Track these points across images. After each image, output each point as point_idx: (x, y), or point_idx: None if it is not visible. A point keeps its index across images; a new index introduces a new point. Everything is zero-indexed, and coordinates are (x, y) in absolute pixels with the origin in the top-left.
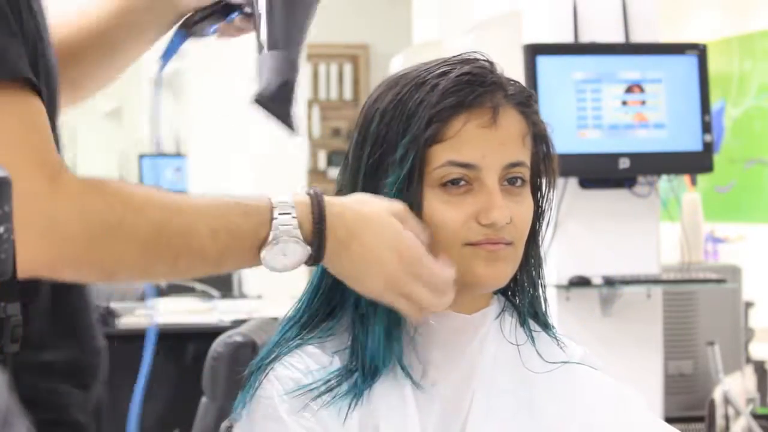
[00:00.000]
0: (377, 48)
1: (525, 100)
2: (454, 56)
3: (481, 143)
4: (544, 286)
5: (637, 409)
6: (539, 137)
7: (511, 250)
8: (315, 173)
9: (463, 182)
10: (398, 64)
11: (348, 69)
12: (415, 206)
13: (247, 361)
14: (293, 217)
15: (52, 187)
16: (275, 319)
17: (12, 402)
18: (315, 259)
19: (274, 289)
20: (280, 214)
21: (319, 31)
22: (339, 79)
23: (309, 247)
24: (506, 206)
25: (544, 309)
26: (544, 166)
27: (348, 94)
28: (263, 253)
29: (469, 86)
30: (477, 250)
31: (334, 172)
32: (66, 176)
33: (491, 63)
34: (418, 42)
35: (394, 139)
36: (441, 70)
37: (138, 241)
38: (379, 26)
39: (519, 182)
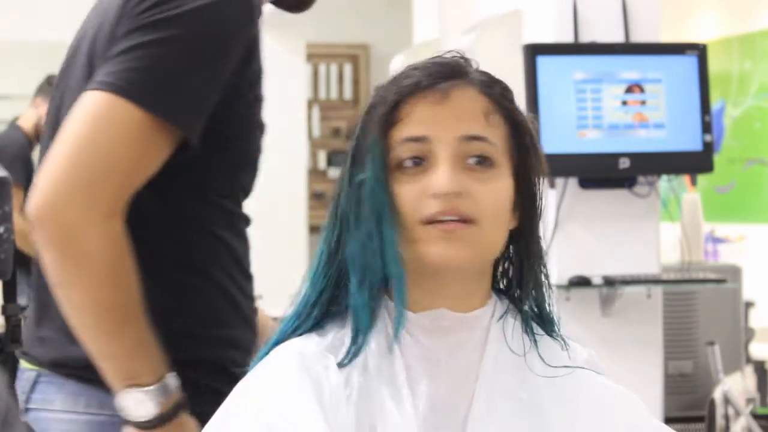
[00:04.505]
0: (377, 48)
1: (491, 85)
2: (444, 53)
3: (431, 118)
4: (550, 285)
5: (641, 414)
6: (518, 127)
7: (473, 230)
8: (315, 173)
9: (418, 160)
10: (398, 64)
11: (348, 69)
12: (383, 190)
13: None
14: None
15: (101, 219)
16: (275, 319)
17: (12, 402)
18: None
19: (274, 289)
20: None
21: (319, 31)
22: (339, 79)
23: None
24: (457, 179)
25: (548, 310)
26: (531, 160)
27: (348, 94)
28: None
29: (427, 72)
30: (433, 229)
31: (334, 172)
32: (117, 221)
33: (467, 60)
34: (418, 42)
35: (366, 128)
36: (415, 65)
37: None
38: (379, 26)
39: (486, 162)
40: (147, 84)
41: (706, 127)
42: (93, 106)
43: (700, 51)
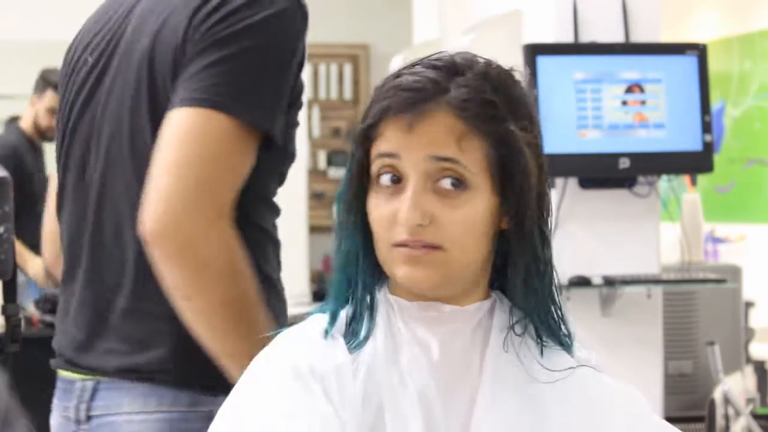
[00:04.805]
0: (377, 48)
1: (467, 106)
2: (429, 56)
3: (401, 141)
4: (558, 292)
5: (642, 411)
6: (500, 143)
7: (439, 255)
8: (315, 173)
9: (393, 178)
10: (398, 64)
11: (348, 69)
12: (353, 204)
13: None
14: None
15: (213, 225)
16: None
17: (12, 402)
18: None
19: None
20: None
21: (319, 31)
22: (339, 79)
23: None
24: (423, 207)
25: (557, 318)
26: (521, 169)
27: (348, 94)
28: None
29: (399, 91)
30: (400, 250)
31: (334, 172)
32: (225, 222)
33: (456, 67)
34: (418, 42)
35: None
36: (399, 73)
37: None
38: (379, 26)
39: (460, 185)
40: (233, 94)
41: (706, 127)
42: (188, 121)
43: (700, 51)
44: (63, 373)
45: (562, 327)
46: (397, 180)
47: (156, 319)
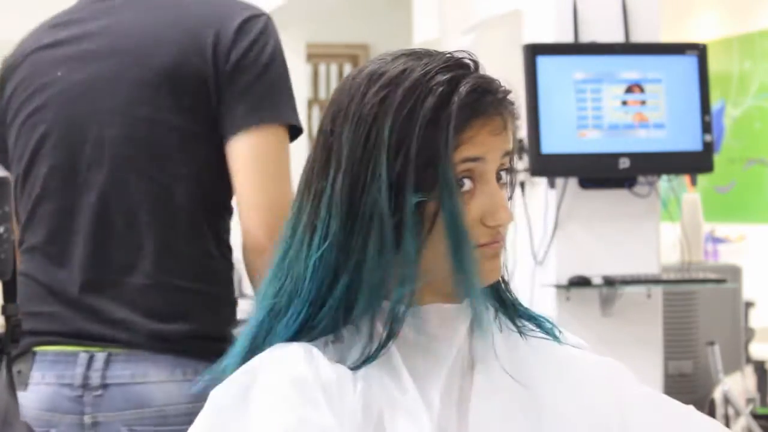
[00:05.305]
0: (377, 48)
1: (511, 98)
2: (443, 57)
3: (489, 143)
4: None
5: (627, 380)
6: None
7: (503, 243)
8: None
9: (467, 181)
10: None
11: (348, 69)
12: (451, 212)
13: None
14: None
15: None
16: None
17: (12, 402)
18: None
19: None
20: None
21: (319, 31)
22: (339, 79)
23: None
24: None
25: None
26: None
27: None
28: None
29: (479, 95)
30: (485, 250)
31: None
32: None
33: (477, 63)
34: (418, 42)
35: (411, 151)
36: (445, 77)
37: None
38: (379, 26)
39: (503, 177)
40: (280, 104)
41: (706, 127)
42: (260, 143)
43: (700, 51)
44: (55, 348)
45: (527, 308)
46: (465, 179)
47: (178, 292)
